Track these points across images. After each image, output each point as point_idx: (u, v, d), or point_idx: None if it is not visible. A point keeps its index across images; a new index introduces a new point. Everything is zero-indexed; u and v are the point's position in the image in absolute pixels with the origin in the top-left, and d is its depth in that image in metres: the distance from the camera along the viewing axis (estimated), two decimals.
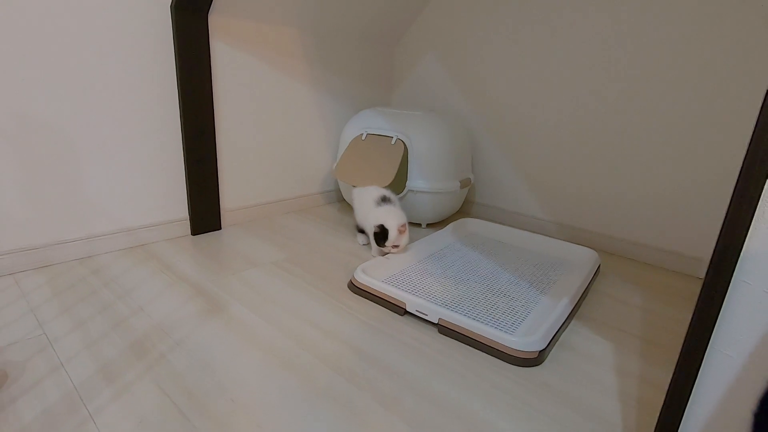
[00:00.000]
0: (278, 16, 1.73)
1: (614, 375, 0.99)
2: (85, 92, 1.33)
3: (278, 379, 0.91)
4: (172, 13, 1.44)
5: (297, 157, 2.00)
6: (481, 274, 1.42)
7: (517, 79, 1.93)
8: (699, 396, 0.63)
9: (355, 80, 2.17)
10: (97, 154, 1.40)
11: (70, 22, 1.26)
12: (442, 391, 0.91)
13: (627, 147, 1.67)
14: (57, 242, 1.36)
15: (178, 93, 1.52)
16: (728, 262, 0.56)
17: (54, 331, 1.02)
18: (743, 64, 1.38)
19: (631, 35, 1.59)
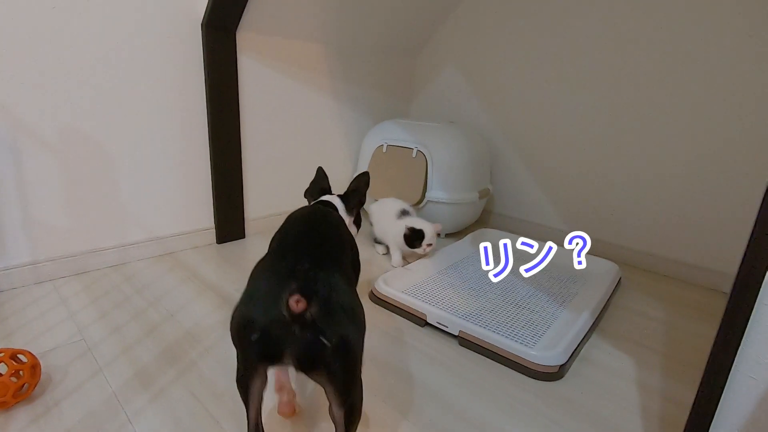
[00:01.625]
0: (303, 31, 1.79)
1: (636, 390, 0.99)
2: (120, 107, 1.40)
3: (300, 387, 0.94)
4: (202, 30, 1.51)
5: (318, 165, 2.04)
6: (501, 285, 1.43)
7: (536, 89, 1.93)
8: (722, 419, 0.63)
9: (375, 92, 2.21)
10: (130, 166, 1.46)
11: (109, 43, 1.33)
12: (462, 403, 0.92)
13: (650, 159, 1.65)
14: (93, 250, 1.43)
15: (206, 107, 1.58)
16: (753, 285, 0.57)
17: (92, 336, 1.07)
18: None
19: (658, 43, 1.58)
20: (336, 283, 0.61)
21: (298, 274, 0.59)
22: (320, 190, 1.10)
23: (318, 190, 1.10)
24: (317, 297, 0.55)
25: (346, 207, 1.04)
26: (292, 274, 0.59)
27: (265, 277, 0.63)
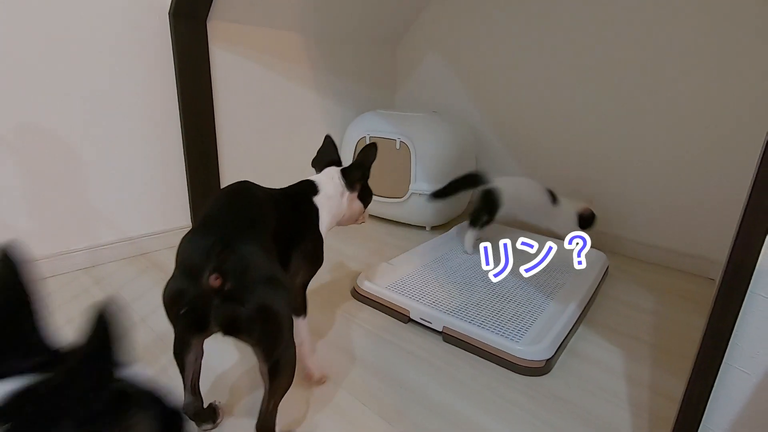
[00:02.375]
0: (277, 20, 1.72)
1: (624, 384, 0.96)
2: (85, 101, 1.33)
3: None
4: (170, 20, 1.43)
5: (299, 160, 1.98)
6: (486, 278, 1.39)
7: (521, 78, 1.89)
8: (713, 414, 0.60)
9: (357, 82, 2.15)
10: (99, 163, 1.39)
11: (70, 33, 1.26)
12: (446, 402, 0.89)
13: (635, 146, 1.63)
14: (62, 252, 1.36)
15: (178, 100, 1.51)
16: (743, 275, 0.54)
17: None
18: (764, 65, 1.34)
19: (641, 32, 1.55)
20: (252, 257, 0.66)
21: (216, 251, 0.62)
22: (328, 162, 1.03)
23: (326, 161, 1.03)
24: (233, 272, 0.61)
25: (346, 181, 0.98)
26: (210, 252, 0.62)
27: (188, 254, 0.68)
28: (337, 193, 0.97)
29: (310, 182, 0.97)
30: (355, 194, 1.02)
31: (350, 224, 1.07)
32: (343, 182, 0.98)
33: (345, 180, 0.98)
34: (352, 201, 1.01)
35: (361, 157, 1.00)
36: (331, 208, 0.96)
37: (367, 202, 1.06)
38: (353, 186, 1.00)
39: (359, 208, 1.04)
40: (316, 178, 0.98)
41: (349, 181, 0.99)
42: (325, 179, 0.97)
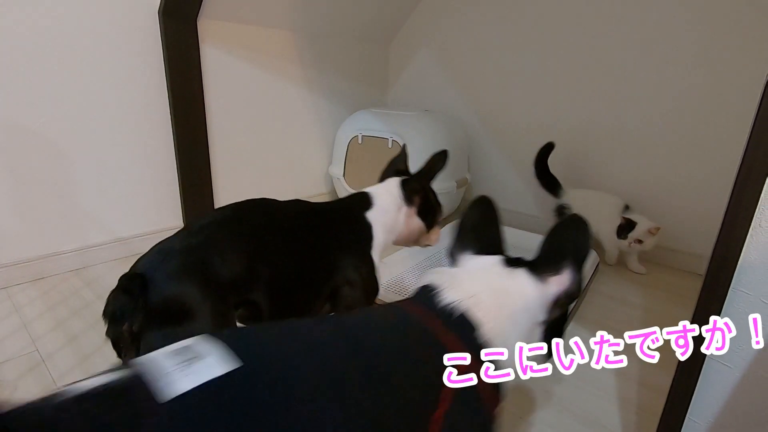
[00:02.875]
0: (269, 18, 1.71)
1: (614, 379, 0.98)
2: (73, 102, 1.31)
3: None
4: (160, 19, 1.42)
5: (292, 160, 1.98)
6: None
7: (512, 75, 1.90)
8: (698, 406, 0.61)
9: (349, 81, 2.15)
10: (88, 164, 1.38)
11: (57, 33, 1.24)
12: None
13: (624, 143, 1.65)
14: (51, 254, 1.35)
15: (168, 99, 1.50)
16: (725, 273, 0.55)
17: (47, 346, 1.01)
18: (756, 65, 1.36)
19: (631, 32, 1.57)
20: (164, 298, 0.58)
21: (133, 286, 0.57)
22: (394, 171, 0.91)
23: (393, 170, 0.92)
24: (134, 316, 0.55)
25: (404, 194, 0.85)
26: (129, 286, 0.57)
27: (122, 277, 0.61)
28: (393, 207, 0.83)
29: (363, 194, 0.84)
30: (414, 210, 0.87)
31: (411, 245, 0.91)
32: (402, 194, 0.84)
33: (403, 192, 0.85)
34: (410, 217, 0.86)
35: (427, 165, 0.87)
36: (386, 225, 0.82)
37: (431, 220, 0.90)
38: (411, 199, 0.85)
39: (418, 226, 0.89)
40: (373, 189, 0.85)
41: (406, 194, 0.85)
42: (382, 191, 0.84)
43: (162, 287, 0.56)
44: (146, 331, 0.54)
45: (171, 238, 0.64)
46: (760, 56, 1.32)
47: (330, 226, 0.77)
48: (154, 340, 0.54)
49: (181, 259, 0.59)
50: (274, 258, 0.67)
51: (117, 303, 0.54)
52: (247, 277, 0.64)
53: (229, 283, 0.62)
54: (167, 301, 0.56)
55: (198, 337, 0.37)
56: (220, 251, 0.62)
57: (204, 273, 0.59)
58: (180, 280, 0.57)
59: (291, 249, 0.70)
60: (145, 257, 0.61)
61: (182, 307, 0.56)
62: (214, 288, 0.59)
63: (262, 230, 0.68)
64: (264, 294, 0.67)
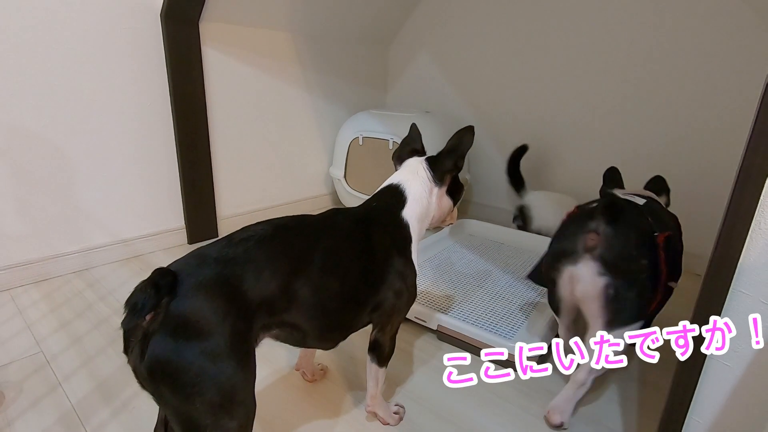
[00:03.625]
0: (270, 20, 1.72)
1: (614, 377, 0.99)
2: (76, 104, 1.32)
3: (276, 390, 0.91)
4: (162, 22, 1.43)
5: (292, 161, 1.99)
6: (480, 276, 1.41)
7: (511, 76, 1.91)
8: (699, 406, 0.62)
9: (349, 82, 2.15)
10: (90, 166, 1.39)
11: (59, 35, 1.25)
12: (438, 398, 0.90)
13: (625, 143, 1.66)
14: (54, 256, 1.35)
15: (170, 101, 1.51)
16: (725, 273, 0.56)
17: (51, 348, 1.01)
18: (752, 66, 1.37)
19: (628, 31, 1.58)
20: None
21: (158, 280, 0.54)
22: (411, 151, 0.87)
23: (409, 150, 0.87)
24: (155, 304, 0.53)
25: (434, 174, 0.81)
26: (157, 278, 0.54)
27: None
28: (425, 192, 0.80)
29: (394, 189, 0.80)
30: (444, 189, 0.84)
31: (437, 225, 0.89)
32: (430, 175, 0.81)
33: (433, 172, 0.81)
34: (441, 198, 0.84)
35: (453, 141, 0.82)
36: (420, 216, 0.79)
37: (458, 198, 0.88)
38: (443, 179, 0.82)
39: (448, 206, 0.87)
40: (400, 178, 0.81)
41: (438, 174, 0.81)
42: (409, 176, 0.81)
43: (189, 296, 0.54)
44: (158, 334, 0.52)
45: (209, 245, 0.61)
46: (752, 57, 1.33)
47: (372, 236, 0.73)
48: (164, 347, 0.52)
49: (216, 269, 0.57)
50: (317, 278, 0.64)
51: (142, 295, 0.51)
52: (282, 297, 0.61)
53: (260, 302, 0.59)
54: (190, 312, 0.53)
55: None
56: (256, 268, 0.59)
57: (234, 289, 0.57)
58: (208, 292, 0.55)
59: (335, 268, 0.67)
60: (182, 259, 0.59)
61: (201, 325, 0.53)
62: (241, 307, 0.57)
63: (303, 249, 0.65)
64: (304, 315, 0.64)
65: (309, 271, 0.64)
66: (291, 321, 0.64)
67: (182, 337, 0.52)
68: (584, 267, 0.79)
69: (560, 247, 0.85)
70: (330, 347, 0.74)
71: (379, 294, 0.72)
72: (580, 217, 0.86)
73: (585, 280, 0.79)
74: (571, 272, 0.81)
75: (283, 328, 0.65)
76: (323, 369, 0.97)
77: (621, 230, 0.79)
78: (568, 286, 0.83)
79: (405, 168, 0.84)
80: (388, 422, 0.83)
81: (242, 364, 0.56)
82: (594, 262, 0.78)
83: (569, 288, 0.83)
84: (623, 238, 0.79)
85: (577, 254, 0.80)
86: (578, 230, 0.82)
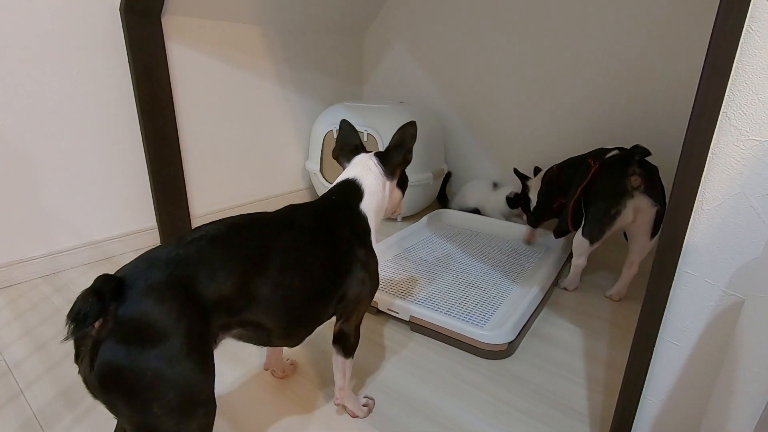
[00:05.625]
0: (237, 13, 1.68)
1: (583, 361, 1.01)
2: (33, 103, 1.28)
3: (247, 390, 0.90)
4: (121, 16, 1.39)
5: (267, 156, 1.96)
6: (455, 266, 1.42)
7: (486, 66, 1.91)
8: (652, 384, 0.63)
9: (323, 75, 2.13)
10: (54, 168, 1.35)
11: (13, 32, 1.20)
12: (409, 388, 0.91)
13: (601, 128, 1.67)
14: (18, 261, 1.32)
15: (135, 98, 1.47)
16: (671, 254, 0.57)
17: (14, 355, 0.99)
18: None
19: (600, 19, 1.58)
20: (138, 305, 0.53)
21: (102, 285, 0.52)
22: (353, 149, 0.88)
23: (351, 148, 0.88)
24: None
25: (385, 168, 0.84)
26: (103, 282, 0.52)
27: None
28: (380, 186, 0.83)
29: (350, 183, 0.82)
30: (395, 182, 0.88)
31: (389, 216, 0.93)
32: (381, 170, 0.84)
33: (384, 167, 0.84)
34: (392, 191, 0.88)
35: (399, 136, 0.85)
36: (376, 208, 0.82)
37: (404, 189, 0.92)
38: (394, 173, 0.86)
39: (399, 198, 0.91)
40: (355, 173, 0.83)
41: (389, 168, 0.85)
42: (363, 172, 0.83)
43: (138, 300, 0.52)
44: (108, 342, 0.50)
45: (159, 248, 0.59)
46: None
47: (333, 229, 0.73)
48: (114, 354, 0.50)
49: (166, 271, 0.55)
50: (278, 275, 0.63)
51: (84, 303, 0.49)
52: (241, 296, 0.60)
53: (216, 302, 0.58)
54: (141, 316, 0.51)
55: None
56: (209, 267, 0.58)
57: (187, 290, 0.55)
58: (159, 295, 0.53)
59: (296, 263, 0.66)
60: (130, 264, 0.57)
61: (154, 329, 0.52)
62: (195, 308, 0.55)
63: (260, 247, 0.64)
64: (267, 314, 0.63)
65: (267, 268, 0.63)
66: (253, 320, 0.63)
67: (134, 342, 0.51)
68: (643, 200, 1.12)
69: (616, 189, 1.13)
70: (296, 344, 0.74)
71: (344, 285, 0.73)
72: (614, 165, 1.16)
73: (644, 210, 1.13)
74: (635, 204, 1.12)
75: (245, 327, 0.64)
76: (293, 364, 0.96)
77: (650, 170, 1.14)
78: (632, 214, 1.13)
79: (356, 164, 0.85)
80: (357, 415, 0.83)
81: (201, 364, 0.55)
82: (644, 196, 1.11)
83: (632, 216, 1.13)
84: (654, 175, 1.14)
85: (629, 192, 1.11)
86: (622, 174, 1.12)
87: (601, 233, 1.18)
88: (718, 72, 0.49)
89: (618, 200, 1.12)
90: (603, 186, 1.17)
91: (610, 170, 1.17)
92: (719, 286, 0.55)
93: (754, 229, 0.51)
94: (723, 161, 0.51)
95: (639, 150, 1.11)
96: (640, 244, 1.19)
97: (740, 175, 0.51)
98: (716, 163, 0.52)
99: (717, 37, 0.48)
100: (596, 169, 1.19)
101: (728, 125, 0.50)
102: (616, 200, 1.12)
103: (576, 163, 1.35)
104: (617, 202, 1.12)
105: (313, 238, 0.71)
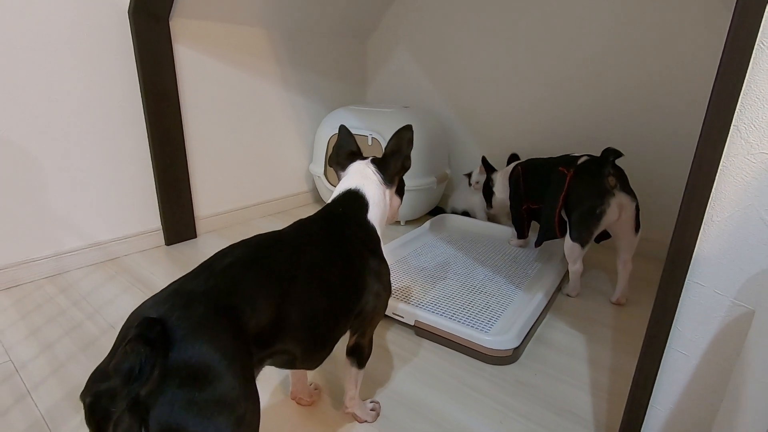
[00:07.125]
0: (243, 16, 1.69)
1: (587, 367, 1.01)
2: (44, 106, 1.28)
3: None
4: (130, 18, 1.39)
5: (272, 159, 1.97)
6: (459, 271, 1.42)
7: (490, 70, 1.92)
8: (660, 392, 0.64)
9: (327, 78, 2.14)
10: (61, 169, 1.35)
11: (22, 34, 1.21)
12: (414, 393, 0.91)
13: (600, 134, 1.68)
14: (24, 261, 1.32)
15: (142, 100, 1.48)
16: (681, 265, 0.57)
17: (20, 356, 0.99)
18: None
19: (601, 21, 1.59)
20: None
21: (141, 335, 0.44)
22: (349, 155, 0.85)
23: (347, 154, 0.85)
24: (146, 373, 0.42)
25: (383, 176, 0.82)
26: (140, 335, 0.44)
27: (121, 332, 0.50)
28: (382, 195, 0.80)
29: (354, 194, 0.79)
30: (394, 189, 0.85)
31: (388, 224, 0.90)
32: (381, 177, 0.81)
33: (382, 174, 0.81)
34: (392, 198, 0.85)
35: (395, 142, 0.82)
36: (380, 216, 0.80)
37: (402, 195, 0.90)
38: (393, 180, 0.83)
39: (398, 204, 0.88)
40: (356, 183, 0.80)
41: (388, 175, 0.82)
42: (364, 181, 0.80)
43: (190, 340, 0.45)
44: (164, 394, 0.42)
45: (189, 278, 0.53)
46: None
47: (346, 244, 0.71)
48: (176, 407, 0.42)
49: (209, 305, 0.49)
50: (305, 296, 0.60)
51: (136, 356, 0.40)
52: (277, 326, 0.56)
53: (257, 335, 0.53)
54: (197, 358, 0.45)
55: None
56: (249, 298, 0.53)
57: (233, 322, 0.50)
58: (211, 332, 0.47)
59: (321, 283, 0.63)
60: (161, 301, 0.49)
61: (209, 370, 0.45)
62: (245, 342, 0.50)
63: (288, 269, 0.60)
64: (295, 339, 0.60)
65: (297, 290, 0.60)
66: (282, 348, 0.60)
67: (194, 388, 0.44)
68: (623, 197, 1.18)
69: (597, 190, 1.17)
70: (317, 366, 0.70)
71: (361, 300, 0.71)
72: (589, 169, 1.22)
73: (627, 206, 1.18)
74: (618, 201, 1.17)
75: (274, 358, 0.61)
76: (317, 388, 0.92)
77: (621, 170, 1.21)
78: (617, 211, 1.17)
79: (355, 173, 0.82)
80: (366, 420, 0.83)
81: (257, 404, 0.51)
82: (623, 193, 1.18)
83: (617, 213, 1.18)
84: (624, 175, 1.21)
85: (610, 191, 1.16)
86: (599, 176, 1.17)
87: (590, 234, 1.21)
88: (730, 86, 0.50)
89: (602, 199, 1.17)
90: (583, 189, 1.20)
91: (586, 174, 1.21)
92: (728, 296, 0.55)
93: (764, 241, 0.52)
94: (733, 174, 0.52)
95: (612, 152, 1.16)
96: (628, 239, 1.23)
97: (750, 187, 0.51)
98: (727, 175, 0.52)
99: (729, 51, 0.49)
100: (571, 176, 1.22)
101: (739, 139, 0.51)
102: (600, 200, 1.17)
103: (541, 169, 1.39)
104: (602, 201, 1.16)
105: (331, 255, 0.68)
